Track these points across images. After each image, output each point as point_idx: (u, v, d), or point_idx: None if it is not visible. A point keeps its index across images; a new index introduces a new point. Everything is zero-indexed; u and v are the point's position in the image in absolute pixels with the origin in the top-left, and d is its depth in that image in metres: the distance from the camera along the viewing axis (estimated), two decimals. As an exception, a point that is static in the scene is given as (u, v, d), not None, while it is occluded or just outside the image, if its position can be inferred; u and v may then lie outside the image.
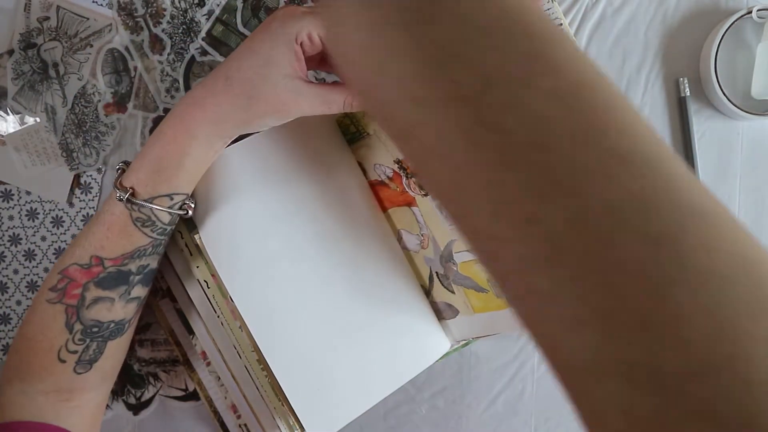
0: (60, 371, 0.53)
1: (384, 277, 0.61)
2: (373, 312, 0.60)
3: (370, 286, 0.60)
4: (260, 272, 0.57)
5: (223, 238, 0.56)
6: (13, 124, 0.67)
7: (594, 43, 0.63)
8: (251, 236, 0.56)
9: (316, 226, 0.59)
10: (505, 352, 0.65)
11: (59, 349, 0.53)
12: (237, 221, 0.56)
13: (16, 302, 0.69)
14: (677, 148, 0.63)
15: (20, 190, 0.68)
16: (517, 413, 0.66)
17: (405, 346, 0.61)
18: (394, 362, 0.60)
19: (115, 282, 0.53)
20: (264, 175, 0.57)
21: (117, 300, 0.53)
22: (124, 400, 0.68)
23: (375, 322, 0.60)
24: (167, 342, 0.66)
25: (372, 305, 0.60)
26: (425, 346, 0.62)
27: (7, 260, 0.68)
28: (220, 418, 0.65)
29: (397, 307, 0.61)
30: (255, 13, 0.64)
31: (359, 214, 0.61)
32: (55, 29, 0.66)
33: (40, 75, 0.67)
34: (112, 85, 0.66)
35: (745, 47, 0.62)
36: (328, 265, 0.59)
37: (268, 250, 0.57)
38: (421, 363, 0.62)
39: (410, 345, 0.61)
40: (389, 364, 0.60)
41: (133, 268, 0.53)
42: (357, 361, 0.59)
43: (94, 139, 0.67)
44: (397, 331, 0.61)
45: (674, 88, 0.63)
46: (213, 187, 0.56)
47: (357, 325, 0.59)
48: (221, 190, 0.56)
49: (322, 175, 0.59)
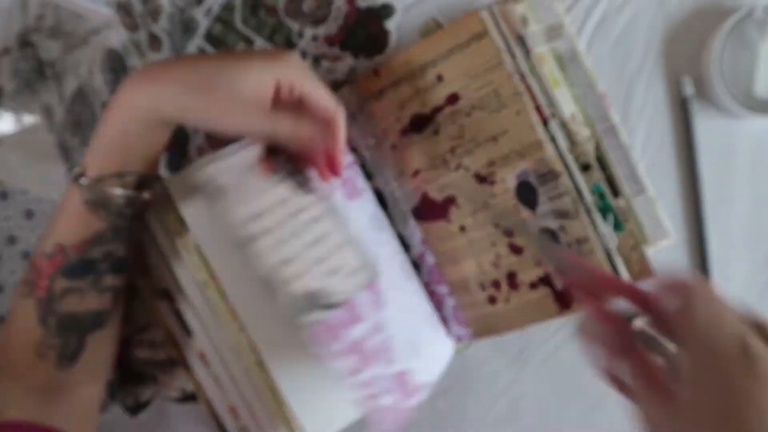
0: (42, 368, 0.52)
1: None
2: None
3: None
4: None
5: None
6: (10, 123, 0.67)
7: (595, 43, 0.62)
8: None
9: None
10: (507, 353, 0.65)
11: (37, 345, 0.52)
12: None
13: (13, 303, 0.68)
14: (679, 149, 0.63)
15: (17, 189, 0.67)
16: (518, 415, 0.65)
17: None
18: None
19: (81, 271, 0.51)
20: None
21: (88, 290, 0.52)
22: (122, 402, 0.67)
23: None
24: (165, 343, 0.66)
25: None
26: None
27: (4, 260, 0.68)
28: (218, 420, 0.64)
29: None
30: (254, 12, 0.64)
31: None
32: (52, 27, 0.65)
33: (37, 74, 0.66)
34: (109, 84, 0.66)
35: (748, 47, 0.61)
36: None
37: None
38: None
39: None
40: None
41: (97, 255, 0.51)
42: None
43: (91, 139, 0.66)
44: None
45: (676, 87, 0.63)
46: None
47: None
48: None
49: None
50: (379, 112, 0.59)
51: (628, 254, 0.57)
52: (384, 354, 0.57)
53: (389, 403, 0.56)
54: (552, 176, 0.54)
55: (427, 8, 0.63)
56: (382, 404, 0.55)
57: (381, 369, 0.55)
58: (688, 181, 0.63)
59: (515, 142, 0.55)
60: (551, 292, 0.56)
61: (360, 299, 0.56)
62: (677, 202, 0.63)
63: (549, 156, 0.54)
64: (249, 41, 0.64)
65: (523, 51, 0.55)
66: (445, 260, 0.60)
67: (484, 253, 0.58)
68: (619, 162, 0.60)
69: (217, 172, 0.54)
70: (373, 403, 0.54)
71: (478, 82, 0.55)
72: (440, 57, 0.56)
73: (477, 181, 0.57)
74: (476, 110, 0.56)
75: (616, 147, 0.60)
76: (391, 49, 0.63)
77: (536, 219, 0.56)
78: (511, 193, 0.56)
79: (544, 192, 0.55)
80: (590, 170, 0.56)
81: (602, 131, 0.60)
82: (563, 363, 0.65)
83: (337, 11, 0.63)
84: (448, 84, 0.56)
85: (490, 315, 0.60)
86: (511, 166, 0.56)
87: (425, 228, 0.60)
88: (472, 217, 0.58)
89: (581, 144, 0.56)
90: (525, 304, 0.58)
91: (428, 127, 0.58)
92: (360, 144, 0.61)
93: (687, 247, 0.64)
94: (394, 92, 0.58)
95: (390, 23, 0.63)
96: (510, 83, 0.54)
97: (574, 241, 0.54)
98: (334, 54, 0.64)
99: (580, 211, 0.54)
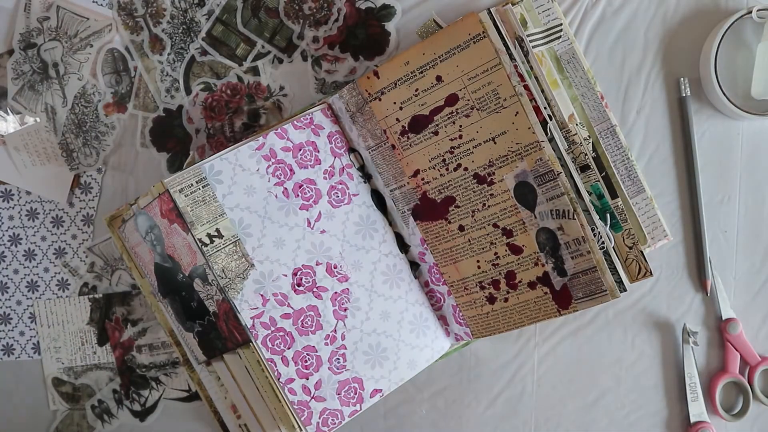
0: None
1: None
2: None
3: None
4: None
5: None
6: (13, 124, 0.67)
7: (594, 43, 0.63)
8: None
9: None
10: (505, 352, 0.65)
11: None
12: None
13: (17, 302, 0.69)
14: (677, 148, 0.63)
15: (20, 190, 0.68)
16: (517, 413, 0.66)
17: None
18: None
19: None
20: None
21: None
22: (129, 408, 0.68)
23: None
24: (165, 345, 0.67)
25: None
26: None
27: (7, 260, 0.69)
28: (220, 418, 0.65)
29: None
30: (255, 13, 0.64)
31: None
32: (55, 29, 0.66)
33: (40, 75, 0.67)
34: (112, 85, 0.66)
35: (745, 47, 0.62)
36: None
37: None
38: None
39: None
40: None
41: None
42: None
43: (94, 139, 0.67)
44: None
45: (674, 87, 0.63)
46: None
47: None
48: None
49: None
50: (379, 112, 0.59)
51: (626, 254, 0.57)
52: (336, 361, 0.59)
53: (334, 406, 0.58)
54: (550, 176, 0.55)
55: (427, 9, 0.63)
56: (324, 407, 0.58)
57: (329, 374, 0.58)
58: (685, 181, 0.63)
59: (514, 143, 0.55)
60: (550, 292, 0.57)
61: (324, 307, 0.57)
62: (675, 202, 0.64)
63: (547, 156, 0.54)
64: (250, 42, 0.65)
65: (522, 52, 0.55)
66: (444, 260, 0.61)
67: (483, 253, 0.59)
68: (617, 162, 0.60)
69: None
70: (317, 404, 0.58)
71: (477, 83, 0.55)
72: (440, 58, 0.56)
73: (476, 181, 0.57)
74: (475, 111, 0.56)
75: (615, 147, 0.60)
76: (391, 50, 0.64)
77: (535, 219, 0.56)
78: (509, 193, 0.57)
79: (542, 192, 0.55)
80: (588, 170, 0.56)
81: (600, 132, 0.60)
82: (562, 361, 0.65)
83: (337, 12, 0.64)
84: (448, 85, 0.56)
85: (489, 314, 0.60)
86: (509, 166, 0.56)
87: (425, 228, 0.61)
88: (471, 217, 0.58)
89: (580, 144, 0.56)
90: (523, 304, 0.58)
91: (428, 127, 0.58)
92: (359, 145, 0.61)
93: (685, 246, 0.64)
94: (394, 93, 0.58)
95: (390, 24, 0.64)
96: (509, 84, 0.54)
97: (573, 241, 0.55)
98: (334, 55, 0.64)
99: (578, 212, 0.54)
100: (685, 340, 0.63)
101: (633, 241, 0.57)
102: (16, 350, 0.69)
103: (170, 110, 0.66)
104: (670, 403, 0.65)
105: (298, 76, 0.65)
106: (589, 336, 0.65)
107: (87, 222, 0.67)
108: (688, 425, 0.64)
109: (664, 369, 0.64)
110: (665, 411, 0.65)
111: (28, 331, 0.69)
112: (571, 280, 0.55)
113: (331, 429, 0.59)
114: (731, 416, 0.64)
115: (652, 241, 0.61)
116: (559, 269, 0.56)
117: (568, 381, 0.65)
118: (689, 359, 0.63)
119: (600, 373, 0.65)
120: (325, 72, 0.65)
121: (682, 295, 0.64)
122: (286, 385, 0.57)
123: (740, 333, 0.63)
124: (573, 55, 0.60)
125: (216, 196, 0.56)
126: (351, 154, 0.61)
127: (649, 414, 0.65)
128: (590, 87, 0.60)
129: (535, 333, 0.65)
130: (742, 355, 0.63)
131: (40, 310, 0.68)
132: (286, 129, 0.58)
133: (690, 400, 0.63)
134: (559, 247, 0.55)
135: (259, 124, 0.65)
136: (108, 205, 0.67)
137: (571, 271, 0.55)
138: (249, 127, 0.65)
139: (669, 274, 0.64)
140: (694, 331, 0.63)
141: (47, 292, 0.68)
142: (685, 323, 0.64)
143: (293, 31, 0.64)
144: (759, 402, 0.63)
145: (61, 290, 0.68)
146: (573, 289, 0.56)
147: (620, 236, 0.57)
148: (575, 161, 0.56)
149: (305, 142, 0.59)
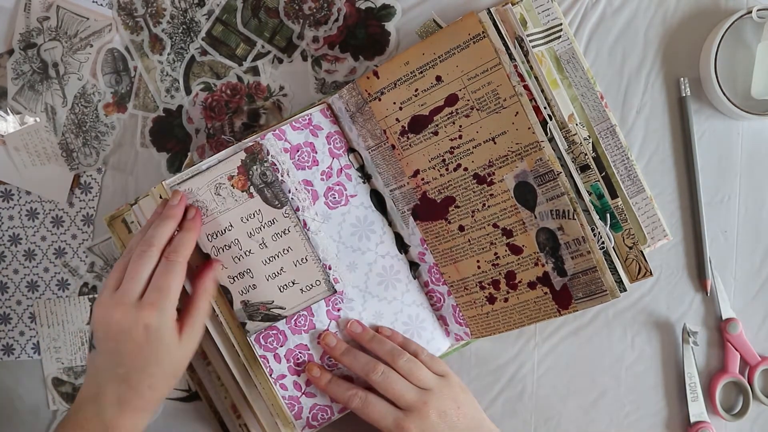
0: None
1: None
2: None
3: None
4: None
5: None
6: (13, 124, 0.67)
7: (594, 43, 0.63)
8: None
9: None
10: (505, 352, 0.65)
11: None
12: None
13: (16, 302, 0.69)
14: (677, 148, 0.63)
15: (20, 190, 0.68)
16: (517, 413, 0.66)
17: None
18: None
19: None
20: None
21: None
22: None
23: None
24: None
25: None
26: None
27: (7, 260, 0.69)
28: (220, 418, 0.65)
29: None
30: (255, 13, 0.64)
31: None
32: (55, 29, 0.66)
33: (40, 75, 0.67)
34: (112, 85, 0.66)
35: (745, 47, 0.62)
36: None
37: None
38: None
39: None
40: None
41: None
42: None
43: (94, 139, 0.67)
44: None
45: (674, 87, 0.63)
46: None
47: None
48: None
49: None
50: (379, 112, 0.59)
51: (626, 254, 0.57)
52: (329, 360, 0.59)
53: (324, 402, 0.60)
54: (550, 176, 0.55)
55: (427, 9, 0.63)
56: (314, 402, 0.59)
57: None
58: (685, 181, 0.63)
59: (514, 143, 0.55)
60: (550, 292, 0.57)
61: (317, 307, 0.58)
62: (675, 202, 0.64)
63: (547, 156, 0.54)
64: (250, 42, 0.65)
65: (522, 52, 0.55)
66: (444, 260, 0.61)
67: (483, 253, 0.59)
68: (617, 162, 0.60)
69: (190, 189, 0.55)
70: (308, 400, 0.59)
71: (477, 83, 0.55)
72: (439, 58, 0.56)
73: (476, 181, 0.57)
74: (475, 111, 0.56)
75: (615, 147, 0.60)
76: (391, 50, 0.64)
77: (535, 219, 0.56)
78: (509, 193, 0.57)
79: (542, 192, 0.55)
80: (588, 170, 0.56)
81: (600, 132, 0.60)
82: (562, 361, 0.65)
83: (337, 12, 0.64)
84: (447, 85, 0.56)
85: (489, 314, 0.60)
86: (509, 166, 0.56)
87: (424, 228, 0.61)
88: (471, 217, 0.58)
89: (579, 144, 0.56)
90: (523, 304, 0.58)
91: (427, 127, 0.58)
92: (359, 145, 0.61)
93: (685, 246, 0.64)
94: (394, 93, 0.58)
95: (390, 24, 0.64)
96: (509, 84, 0.54)
97: (573, 241, 0.55)
98: (334, 55, 0.64)
99: (578, 212, 0.54)
100: (685, 340, 0.63)
101: (633, 241, 0.57)
102: (16, 350, 0.69)
103: (170, 110, 0.66)
104: (670, 402, 0.65)
105: (298, 76, 0.65)
106: (589, 336, 0.65)
107: (87, 222, 0.67)
108: (688, 425, 0.64)
109: (664, 369, 0.64)
110: (665, 411, 0.65)
111: (28, 331, 0.69)
112: (571, 280, 0.56)
113: (321, 424, 0.59)
114: (731, 416, 0.64)
115: (651, 241, 0.61)
116: (559, 269, 0.56)
117: (568, 381, 0.65)
118: (689, 359, 0.63)
119: (600, 373, 0.65)
120: (325, 72, 0.65)
121: (682, 295, 0.64)
122: (278, 381, 0.58)
123: (740, 333, 0.63)
124: (573, 55, 0.60)
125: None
126: (350, 154, 0.61)
127: (649, 414, 0.65)
128: (590, 87, 0.60)
129: (535, 333, 0.65)
130: (742, 355, 0.63)
131: (40, 310, 0.68)
132: (284, 130, 0.58)
133: (690, 400, 0.63)
134: (559, 247, 0.55)
135: (259, 124, 0.65)
136: (108, 205, 0.67)
137: (571, 271, 0.55)
138: (249, 127, 0.65)
139: (669, 274, 0.64)
140: (694, 331, 0.63)
141: (47, 292, 0.68)
142: (685, 323, 0.64)
143: (293, 31, 0.64)
144: (759, 402, 0.63)
145: (61, 290, 0.68)
146: (573, 289, 0.56)
147: (620, 236, 0.57)
148: (575, 161, 0.56)
149: (303, 143, 0.59)
